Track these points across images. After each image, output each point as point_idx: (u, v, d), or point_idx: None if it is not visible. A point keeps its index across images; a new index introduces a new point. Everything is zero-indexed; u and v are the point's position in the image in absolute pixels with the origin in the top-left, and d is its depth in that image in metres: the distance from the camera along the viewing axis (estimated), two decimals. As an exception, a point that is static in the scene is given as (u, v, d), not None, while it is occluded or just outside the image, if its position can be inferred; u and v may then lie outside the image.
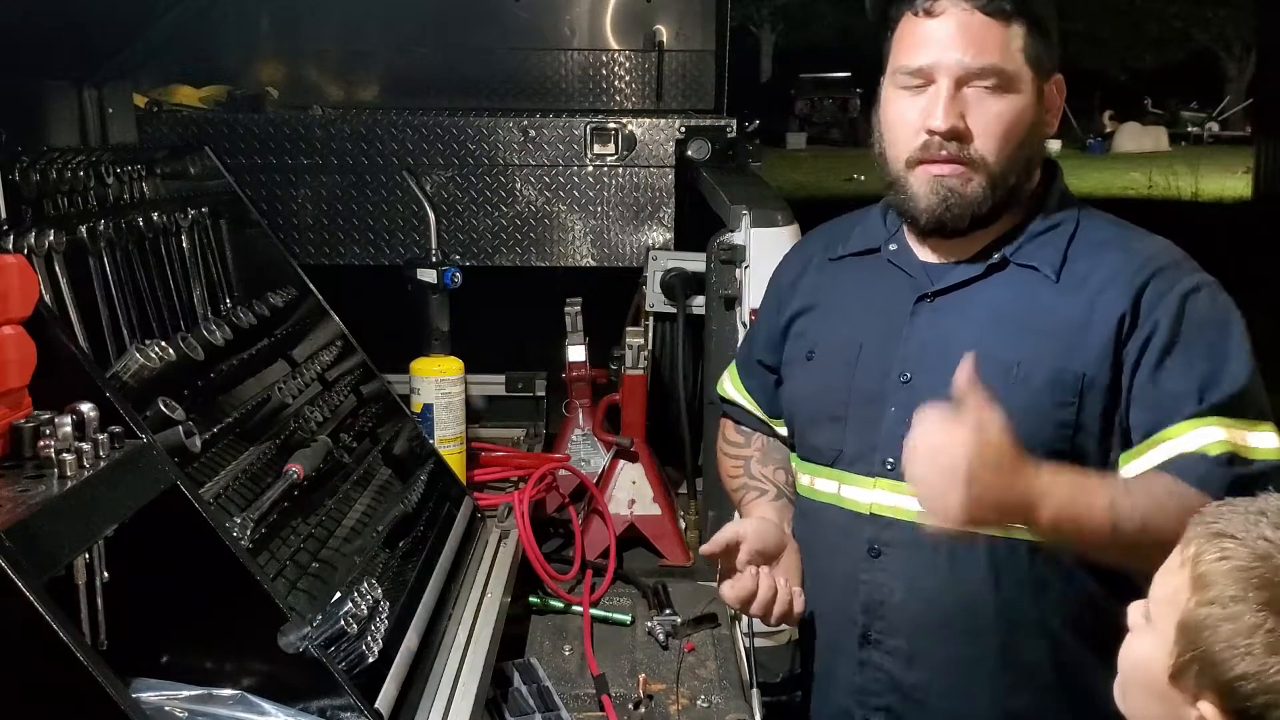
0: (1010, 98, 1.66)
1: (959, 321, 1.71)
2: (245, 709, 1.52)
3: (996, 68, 1.64)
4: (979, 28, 1.64)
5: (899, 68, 1.70)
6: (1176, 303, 1.63)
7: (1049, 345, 1.66)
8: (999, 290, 1.71)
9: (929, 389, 1.66)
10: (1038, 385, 1.64)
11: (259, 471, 1.95)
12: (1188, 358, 1.62)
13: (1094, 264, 1.69)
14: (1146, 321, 1.63)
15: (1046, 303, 1.68)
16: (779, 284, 1.99)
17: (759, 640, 2.52)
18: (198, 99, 3.54)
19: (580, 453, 3.07)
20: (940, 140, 1.66)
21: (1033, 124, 1.69)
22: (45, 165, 1.89)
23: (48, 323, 1.48)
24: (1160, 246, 1.72)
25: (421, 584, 2.09)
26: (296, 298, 2.53)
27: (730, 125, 3.40)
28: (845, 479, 1.77)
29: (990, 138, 1.66)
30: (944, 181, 1.67)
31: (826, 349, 1.84)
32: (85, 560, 1.36)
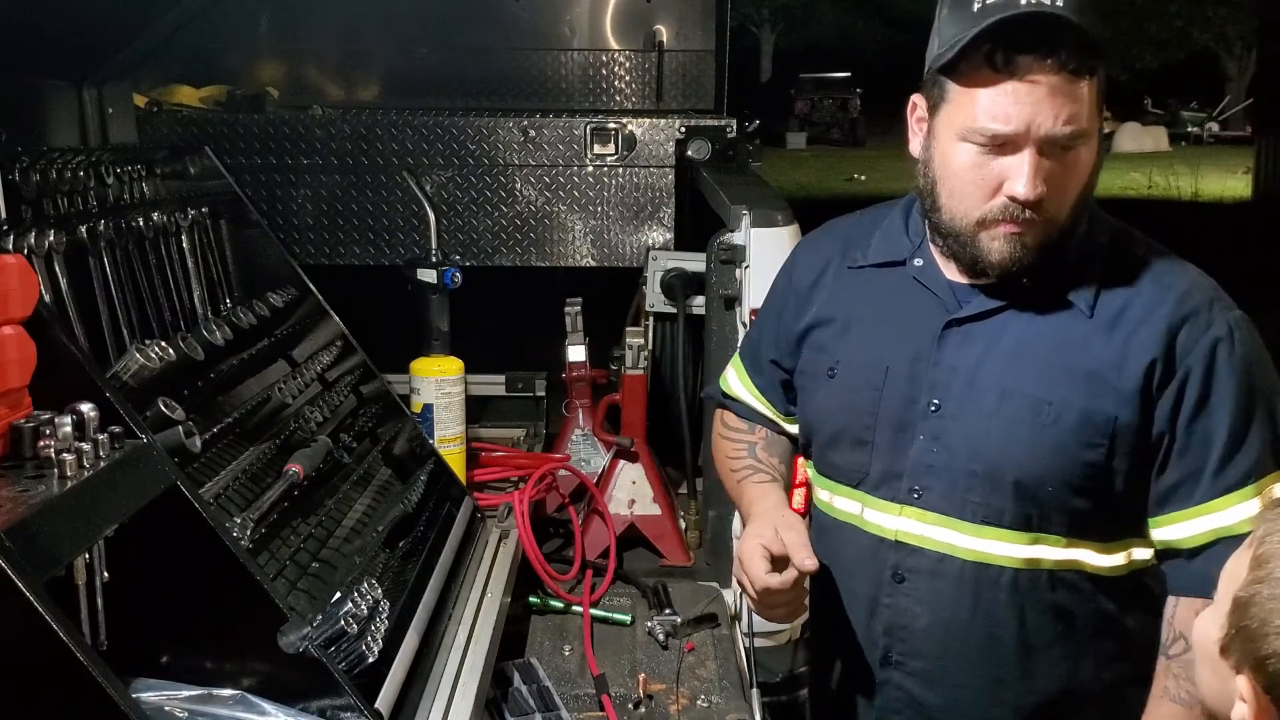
0: (1084, 150, 1.59)
1: (989, 351, 1.67)
2: (245, 709, 1.52)
3: (1081, 131, 1.56)
4: (1064, 91, 1.53)
5: (974, 128, 1.58)
6: (1209, 349, 1.60)
7: (1080, 385, 1.62)
8: (1031, 321, 1.67)
9: (957, 418, 1.67)
10: (1068, 426, 1.61)
11: (259, 471, 1.95)
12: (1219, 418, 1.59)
13: (1128, 299, 1.64)
14: (1179, 368, 1.60)
15: (1079, 339, 1.64)
16: (796, 286, 1.92)
17: (759, 640, 2.53)
18: (198, 99, 3.54)
19: (580, 453, 3.07)
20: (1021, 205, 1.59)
21: (1096, 167, 1.63)
22: (45, 165, 1.89)
23: (48, 323, 1.48)
24: (1192, 281, 1.67)
25: (421, 584, 2.09)
26: (296, 298, 2.53)
27: (730, 125, 3.40)
28: (869, 502, 1.76)
29: (1067, 194, 1.60)
30: (1021, 240, 1.61)
31: (850, 368, 1.79)
32: (85, 560, 1.36)
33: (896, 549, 1.72)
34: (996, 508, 1.65)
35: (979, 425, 1.66)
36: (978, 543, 1.67)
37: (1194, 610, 1.56)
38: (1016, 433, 1.63)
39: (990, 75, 1.55)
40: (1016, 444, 1.63)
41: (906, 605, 1.73)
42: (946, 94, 1.61)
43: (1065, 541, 1.65)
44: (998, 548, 1.66)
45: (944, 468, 1.68)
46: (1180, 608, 1.64)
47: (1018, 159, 1.56)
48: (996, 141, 1.57)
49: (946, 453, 1.68)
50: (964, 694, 1.73)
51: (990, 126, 1.56)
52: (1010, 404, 1.64)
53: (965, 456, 1.66)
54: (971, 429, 1.66)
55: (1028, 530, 1.65)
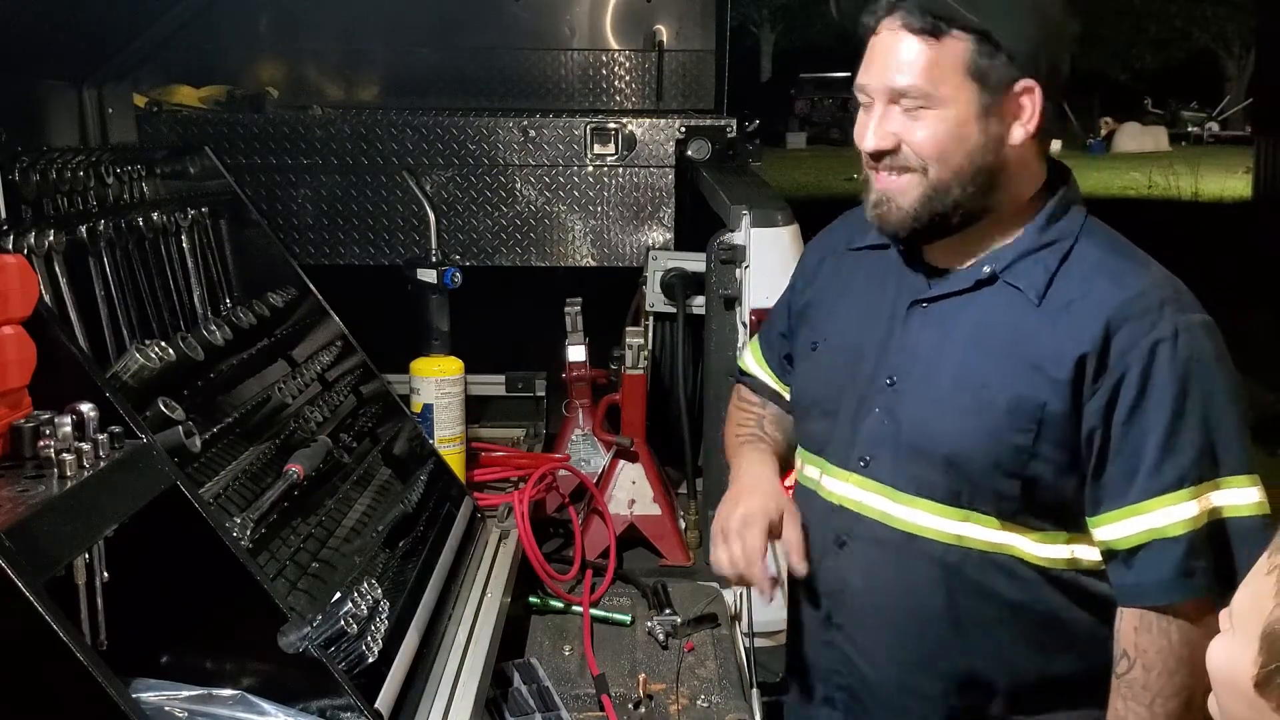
0: (938, 114, 1.64)
1: (944, 333, 1.73)
2: (245, 709, 1.52)
3: (919, 89, 1.63)
4: (906, 48, 1.63)
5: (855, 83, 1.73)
6: (1148, 349, 1.60)
7: (1017, 370, 1.65)
8: (985, 306, 1.71)
9: (908, 394, 1.73)
10: (1000, 409, 1.65)
11: (259, 471, 1.95)
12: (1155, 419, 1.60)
13: (1080, 292, 1.66)
14: (1117, 366, 1.61)
15: (1025, 327, 1.67)
16: (806, 264, 2.03)
17: (759, 640, 2.53)
18: (198, 99, 3.54)
19: (580, 453, 3.07)
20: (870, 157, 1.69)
21: (972, 138, 1.64)
22: (45, 165, 1.89)
23: (48, 323, 1.48)
24: (1151, 282, 1.66)
25: (421, 584, 2.09)
26: (296, 298, 2.53)
27: (730, 125, 3.40)
28: (826, 469, 1.82)
29: (922, 148, 1.65)
30: (884, 193, 1.69)
31: (830, 344, 1.87)
32: (85, 560, 1.36)
33: (841, 514, 1.78)
34: (929, 481, 1.69)
35: (927, 402, 1.71)
36: (910, 513, 1.71)
37: (1134, 625, 1.61)
38: (955, 411, 1.69)
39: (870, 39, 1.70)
40: (952, 421, 1.68)
41: (844, 570, 1.78)
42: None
43: (997, 524, 1.67)
44: (928, 520, 1.70)
45: (890, 440, 1.73)
46: (1124, 621, 1.64)
47: (871, 110, 1.69)
48: (862, 95, 1.70)
49: (894, 425, 1.73)
50: (895, 664, 1.77)
51: (857, 80, 1.71)
52: (953, 385, 1.69)
53: (908, 430, 1.72)
54: (919, 405, 1.72)
55: (957, 506, 1.68)
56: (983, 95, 1.64)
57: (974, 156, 1.65)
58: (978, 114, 1.64)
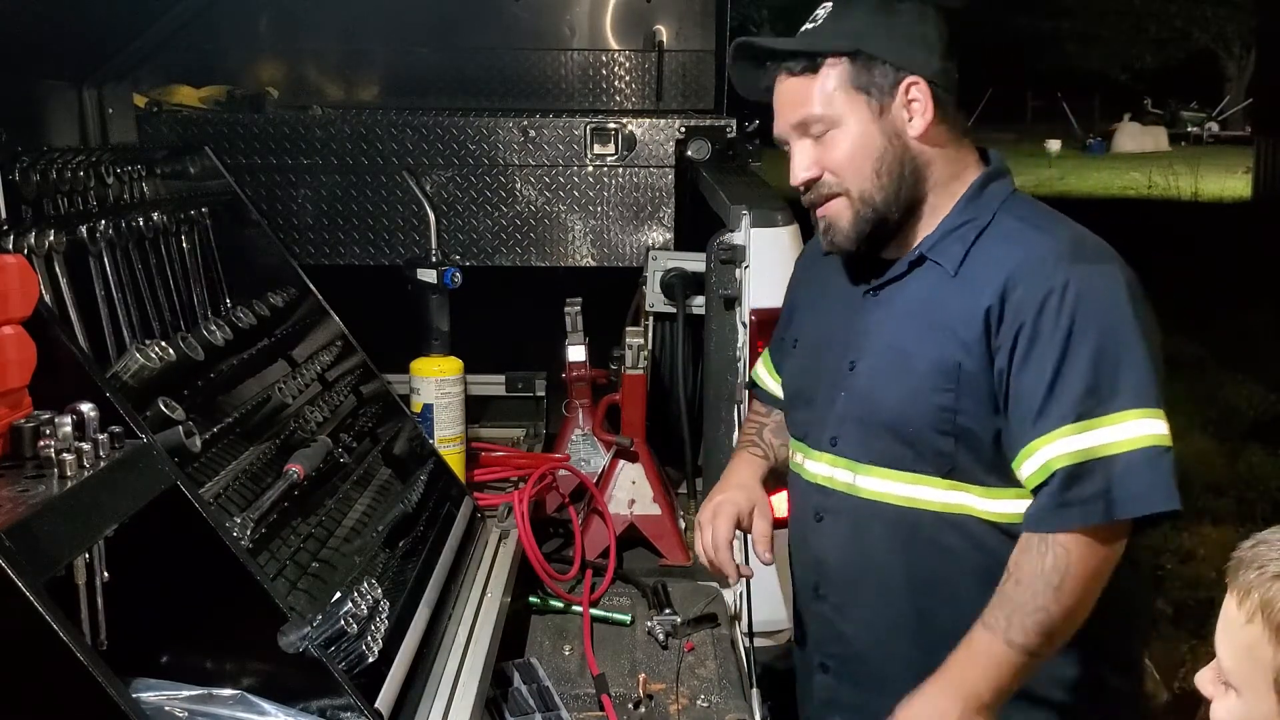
0: (840, 131, 1.81)
1: (887, 314, 1.87)
2: (245, 709, 1.52)
3: (815, 115, 1.81)
4: (792, 89, 1.83)
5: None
6: (1040, 299, 1.70)
7: (937, 336, 1.79)
8: (916, 285, 1.86)
9: (862, 374, 1.87)
10: (923, 372, 1.79)
11: (259, 471, 1.95)
12: (1040, 361, 1.70)
13: (990, 258, 1.79)
14: (1014, 318, 1.72)
15: (942, 297, 1.81)
16: (794, 273, 2.19)
17: (759, 640, 2.53)
18: (198, 99, 3.54)
19: (580, 453, 3.07)
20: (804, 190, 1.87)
21: (877, 140, 1.81)
22: (45, 165, 1.89)
23: (48, 323, 1.48)
24: (1052, 241, 1.78)
25: (421, 584, 2.09)
26: (296, 298, 2.53)
27: (730, 125, 3.40)
28: (807, 453, 1.96)
29: (839, 169, 1.82)
30: (825, 220, 1.87)
31: (805, 339, 2.04)
32: (85, 560, 1.36)
33: (819, 491, 1.93)
34: (881, 449, 1.83)
35: (870, 377, 1.86)
36: (869, 482, 1.85)
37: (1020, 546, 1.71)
38: (890, 381, 1.83)
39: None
40: (889, 391, 1.83)
41: (823, 543, 1.93)
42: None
43: (945, 484, 1.79)
44: (884, 486, 1.83)
45: (853, 417, 1.88)
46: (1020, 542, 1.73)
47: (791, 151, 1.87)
48: (782, 145, 1.90)
49: (855, 403, 1.88)
50: (872, 629, 1.90)
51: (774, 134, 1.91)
52: (889, 357, 1.84)
53: (861, 405, 1.87)
54: (868, 381, 1.86)
55: (906, 470, 1.81)
56: (871, 102, 1.81)
57: (884, 158, 1.82)
58: (873, 119, 1.81)
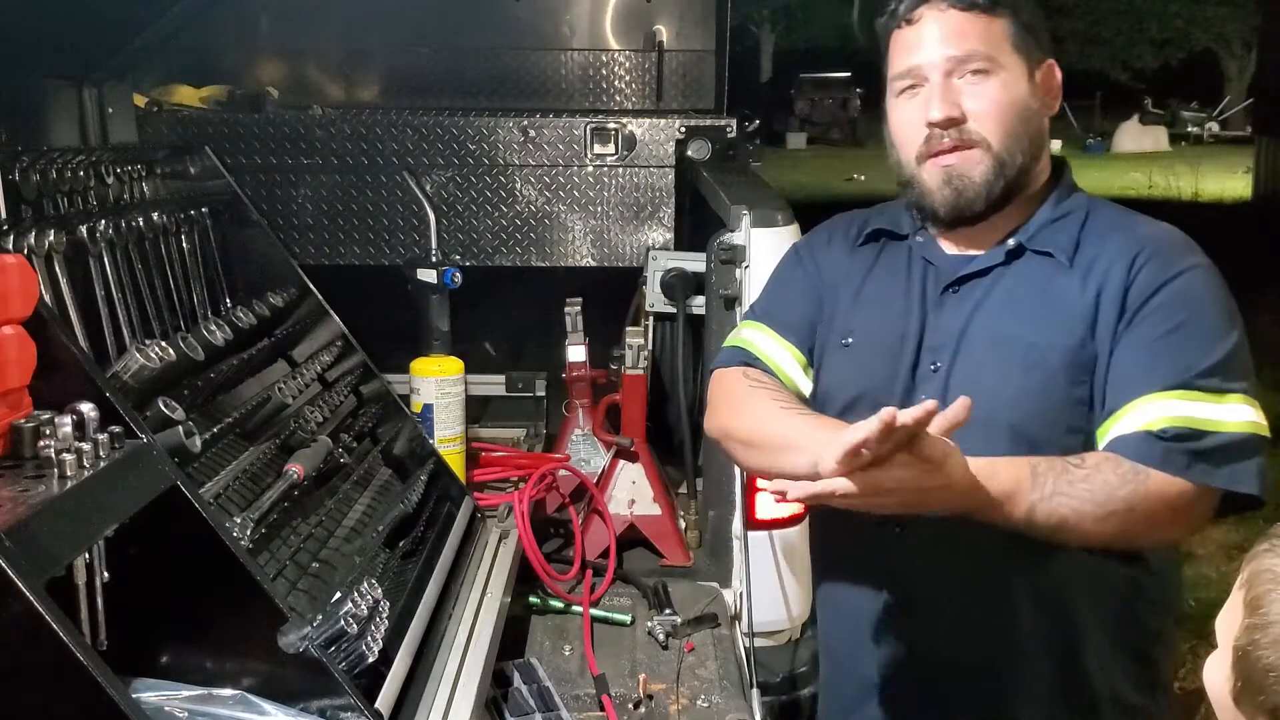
0: (1000, 76, 1.74)
1: (983, 309, 1.78)
2: (245, 709, 1.52)
3: (980, 52, 1.73)
4: (957, 22, 1.75)
5: (893, 76, 1.81)
6: (1165, 278, 1.69)
7: (1063, 327, 1.72)
8: (1017, 276, 1.78)
9: (957, 376, 1.76)
10: (1054, 365, 1.71)
11: (259, 471, 1.95)
12: (1163, 333, 1.68)
13: (1101, 248, 1.75)
14: (1138, 295, 1.70)
15: (1060, 286, 1.74)
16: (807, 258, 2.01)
17: (759, 640, 2.53)
18: (198, 99, 3.54)
19: (580, 453, 3.07)
20: (941, 131, 1.75)
21: (1029, 105, 1.76)
22: (45, 165, 1.89)
23: (48, 323, 1.48)
24: (1163, 230, 1.78)
25: (421, 584, 2.09)
26: (296, 298, 2.53)
27: (730, 125, 3.40)
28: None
29: (987, 117, 1.74)
30: (953, 170, 1.75)
31: (865, 336, 1.89)
32: (85, 560, 1.36)
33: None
34: (992, 451, 1.66)
35: (973, 375, 1.75)
36: None
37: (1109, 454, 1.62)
38: (1008, 376, 1.72)
39: (901, 34, 1.80)
40: (1009, 386, 1.72)
41: (906, 554, 1.81)
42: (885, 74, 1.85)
43: None
44: None
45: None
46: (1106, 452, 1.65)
47: (928, 88, 1.76)
48: (911, 78, 1.78)
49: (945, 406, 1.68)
50: (974, 644, 1.79)
51: (898, 69, 1.79)
52: (1000, 350, 1.74)
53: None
54: (967, 380, 1.74)
55: None
56: (1024, 65, 1.76)
57: (1029, 125, 1.77)
58: (1025, 81, 1.76)
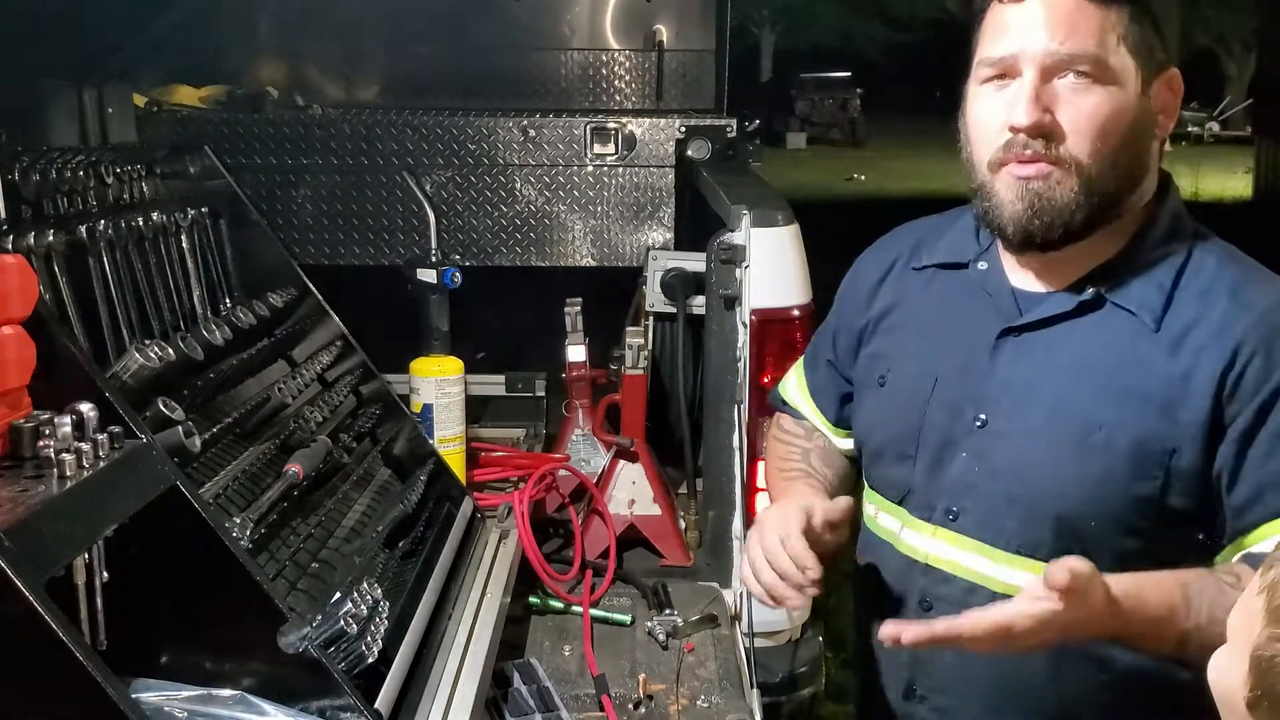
0: (1108, 90, 1.44)
1: (1043, 365, 1.52)
2: (245, 709, 1.52)
3: (1091, 54, 1.42)
4: (1071, 10, 1.42)
5: (982, 59, 1.49)
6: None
7: (1138, 408, 1.45)
8: (1091, 333, 1.51)
9: (1003, 436, 1.53)
10: (1119, 452, 1.45)
11: (259, 471, 1.95)
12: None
13: (1200, 313, 1.46)
14: (1256, 394, 1.42)
15: (1142, 356, 1.47)
16: (861, 282, 1.79)
17: (759, 640, 2.53)
18: (198, 99, 3.54)
19: (580, 453, 3.07)
20: (1025, 138, 1.45)
21: (1136, 123, 1.47)
22: (45, 165, 1.89)
23: (48, 323, 1.48)
24: (1275, 297, 1.47)
25: (421, 584, 2.09)
26: (296, 298, 2.53)
27: (730, 125, 3.40)
28: (908, 521, 1.63)
29: (1083, 136, 1.44)
30: (1030, 185, 1.46)
31: (900, 377, 1.67)
32: (85, 560, 1.36)
33: (926, 574, 1.59)
34: (1033, 538, 1.50)
35: (1024, 445, 1.51)
36: (1011, 574, 1.51)
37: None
38: (1062, 456, 1.48)
39: (1000, 10, 1.48)
40: (1061, 469, 1.48)
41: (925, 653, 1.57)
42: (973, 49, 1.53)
43: None
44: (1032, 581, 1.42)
45: (984, 489, 1.54)
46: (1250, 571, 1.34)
47: (1018, 85, 1.45)
48: (1000, 69, 1.47)
49: (988, 472, 1.53)
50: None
51: (989, 54, 1.48)
52: (1059, 424, 1.49)
53: (1006, 478, 1.52)
54: (1016, 449, 1.51)
55: None
56: (1140, 75, 1.47)
57: (1132, 147, 1.47)
58: (1137, 96, 1.46)
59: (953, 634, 1.33)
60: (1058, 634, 1.34)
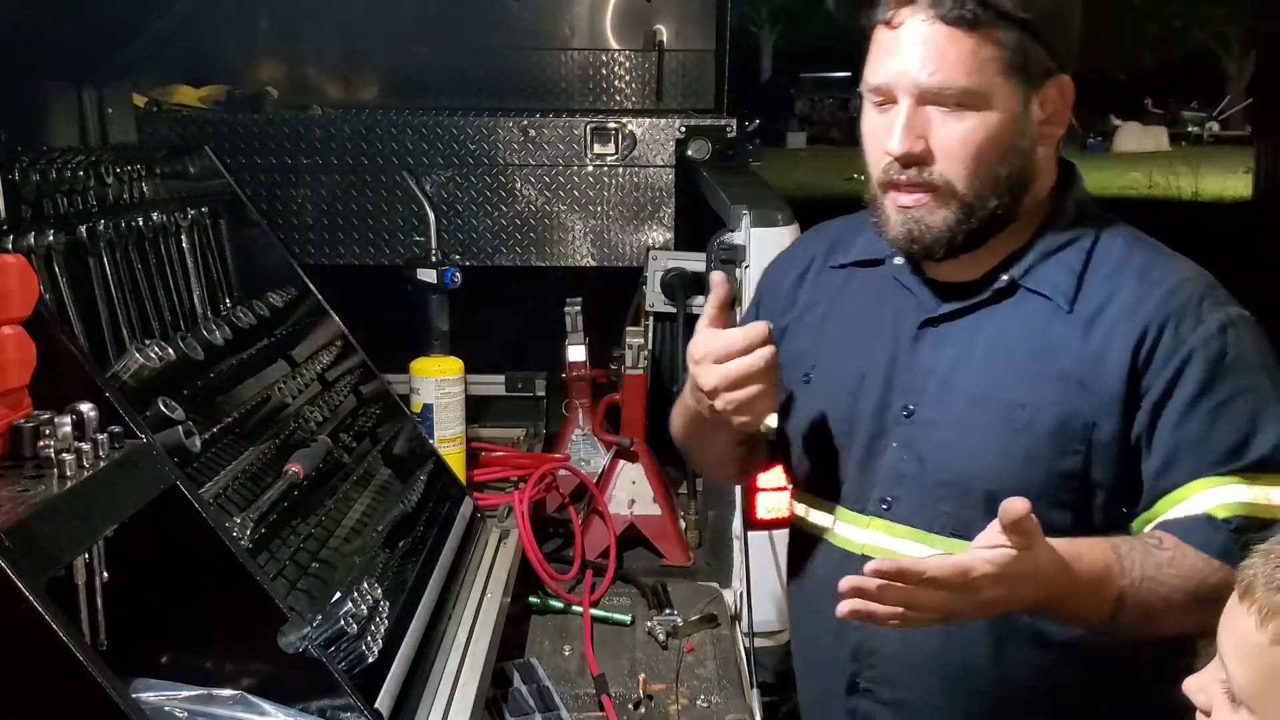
0: (979, 116, 1.48)
1: (964, 352, 1.57)
2: (245, 709, 1.52)
3: (959, 87, 1.46)
4: (940, 40, 1.46)
5: (865, 83, 1.55)
6: (1197, 347, 1.47)
7: (1057, 387, 1.51)
8: (1008, 318, 1.56)
9: (930, 425, 1.57)
10: (1042, 431, 1.50)
11: (259, 471, 1.95)
12: (1211, 408, 1.47)
13: (1110, 291, 1.52)
14: (1165, 366, 1.48)
15: (1058, 337, 1.52)
16: (777, 284, 1.83)
17: (759, 640, 2.53)
18: (198, 99, 3.54)
19: (580, 453, 3.07)
20: (899, 165, 1.51)
21: (1014, 140, 1.50)
22: (45, 165, 1.89)
23: (48, 323, 1.48)
24: (1185, 274, 1.54)
25: (421, 584, 2.09)
26: (296, 298, 2.53)
27: (730, 125, 3.40)
28: (841, 515, 1.65)
29: (957, 162, 1.49)
30: (909, 213, 1.52)
31: (826, 374, 1.70)
32: (85, 560, 1.36)
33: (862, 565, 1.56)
34: (964, 520, 1.51)
35: (951, 431, 1.56)
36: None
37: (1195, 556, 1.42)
38: (987, 440, 1.53)
39: (880, 34, 1.52)
40: (987, 452, 1.53)
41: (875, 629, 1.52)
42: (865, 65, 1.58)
43: None
44: None
45: (915, 477, 1.57)
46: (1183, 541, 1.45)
47: (895, 111, 1.50)
48: (879, 95, 1.52)
49: (917, 461, 1.57)
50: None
51: (870, 79, 1.53)
52: (981, 410, 1.53)
53: (936, 465, 1.56)
54: (944, 435, 1.56)
55: None
56: (1018, 91, 1.49)
57: (1011, 163, 1.51)
58: (1017, 114, 1.50)
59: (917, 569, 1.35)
60: (1008, 589, 1.35)
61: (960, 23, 1.45)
